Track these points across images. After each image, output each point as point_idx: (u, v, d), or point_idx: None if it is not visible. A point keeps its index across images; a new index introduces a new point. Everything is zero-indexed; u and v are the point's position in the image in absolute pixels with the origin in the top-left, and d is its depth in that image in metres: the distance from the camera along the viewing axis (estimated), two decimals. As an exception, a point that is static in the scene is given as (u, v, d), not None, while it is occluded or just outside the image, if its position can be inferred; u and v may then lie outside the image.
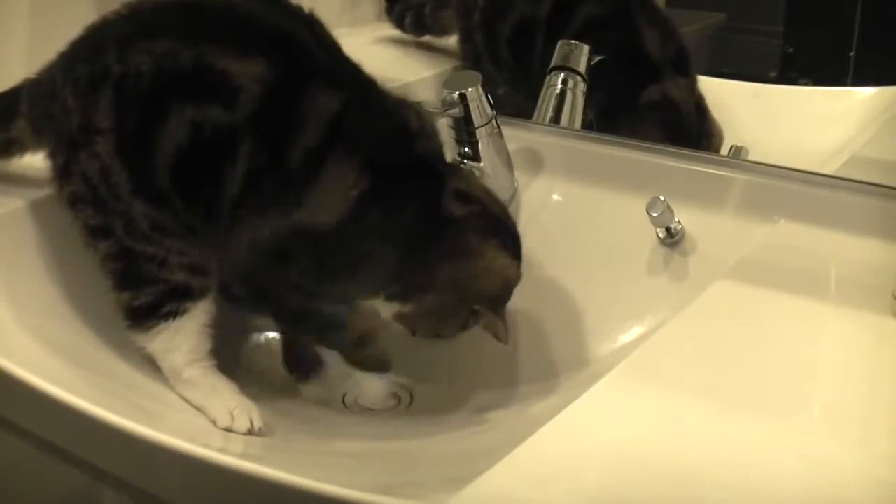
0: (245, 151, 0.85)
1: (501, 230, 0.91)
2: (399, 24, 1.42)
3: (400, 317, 0.90)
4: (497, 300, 0.90)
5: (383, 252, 0.87)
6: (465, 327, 0.91)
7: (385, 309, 0.90)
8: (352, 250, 0.86)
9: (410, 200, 0.88)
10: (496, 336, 0.91)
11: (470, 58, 1.31)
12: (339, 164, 0.85)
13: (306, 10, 0.91)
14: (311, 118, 0.85)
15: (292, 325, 0.97)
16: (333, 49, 0.90)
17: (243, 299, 0.97)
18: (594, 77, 1.13)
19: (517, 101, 1.22)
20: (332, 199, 0.85)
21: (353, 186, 0.84)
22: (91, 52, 0.89)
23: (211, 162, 0.86)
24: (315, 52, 0.88)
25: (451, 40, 1.36)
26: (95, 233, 0.90)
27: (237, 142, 0.85)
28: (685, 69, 1.19)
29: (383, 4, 1.44)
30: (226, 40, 0.86)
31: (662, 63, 1.18)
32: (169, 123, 0.85)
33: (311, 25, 0.90)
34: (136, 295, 0.88)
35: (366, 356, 0.97)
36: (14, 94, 0.97)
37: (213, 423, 0.87)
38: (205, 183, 0.87)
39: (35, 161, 0.96)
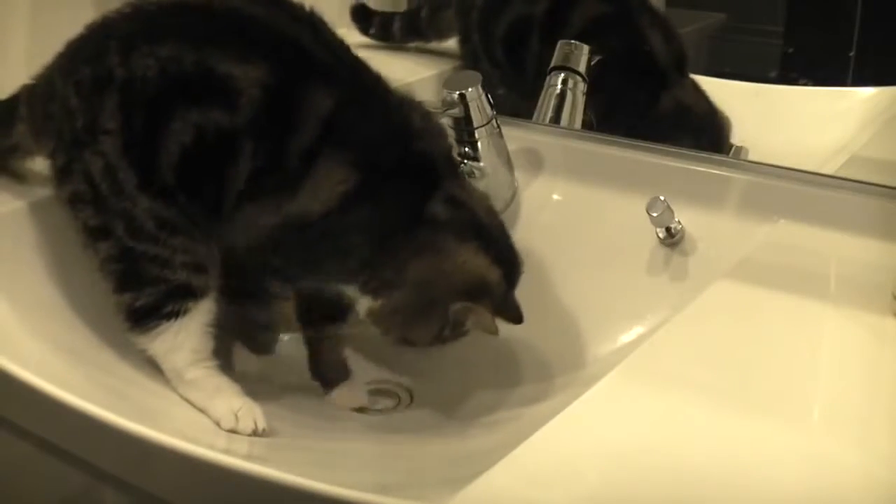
0: (248, 152, 0.86)
1: (485, 236, 0.88)
2: (384, 35, 1.39)
3: (371, 314, 0.89)
4: (474, 292, 0.87)
5: (361, 244, 0.86)
6: (440, 335, 0.89)
7: (361, 304, 0.89)
8: (334, 241, 0.87)
9: (395, 198, 0.87)
10: (486, 329, 0.89)
11: (468, 57, 1.31)
12: (330, 160, 0.85)
13: (307, 8, 0.90)
14: (307, 117, 0.86)
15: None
16: (336, 48, 0.91)
17: (245, 294, 0.97)
18: (597, 79, 1.13)
19: (513, 101, 1.22)
20: (321, 192, 0.85)
21: (341, 181, 0.85)
22: (93, 53, 0.89)
23: (214, 162, 0.87)
24: (316, 53, 0.89)
25: (451, 42, 1.36)
26: (95, 233, 0.90)
27: (239, 143, 0.86)
28: (685, 69, 1.19)
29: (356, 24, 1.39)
30: (228, 44, 0.87)
31: (667, 66, 1.18)
32: (173, 125, 0.86)
33: (313, 25, 0.90)
34: (138, 296, 0.88)
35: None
36: (13, 101, 0.97)
37: (217, 424, 0.86)
38: (208, 181, 0.87)
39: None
